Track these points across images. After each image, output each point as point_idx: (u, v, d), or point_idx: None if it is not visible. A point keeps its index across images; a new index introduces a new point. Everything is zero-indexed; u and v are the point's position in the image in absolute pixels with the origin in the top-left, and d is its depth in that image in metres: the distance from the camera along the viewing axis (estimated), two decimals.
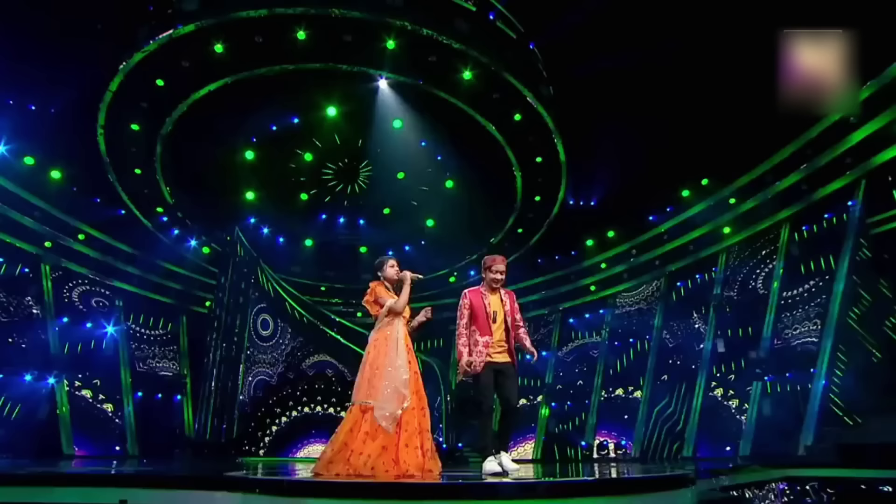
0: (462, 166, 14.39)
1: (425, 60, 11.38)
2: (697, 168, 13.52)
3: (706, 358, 12.91)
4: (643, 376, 14.14)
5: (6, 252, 11.84)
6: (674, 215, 14.48)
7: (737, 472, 5.13)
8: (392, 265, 4.72)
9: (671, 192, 14.33)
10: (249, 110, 12.27)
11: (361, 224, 16.19)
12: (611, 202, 15.44)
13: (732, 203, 13.12)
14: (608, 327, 15.46)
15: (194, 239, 14.60)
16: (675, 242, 14.45)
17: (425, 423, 4.28)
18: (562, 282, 16.73)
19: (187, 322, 14.78)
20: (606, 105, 12.95)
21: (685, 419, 12.76)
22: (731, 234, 13.25)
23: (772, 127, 11.36)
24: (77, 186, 12.79)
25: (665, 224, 14.63)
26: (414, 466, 3.98)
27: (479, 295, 4.69)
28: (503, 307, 4.67)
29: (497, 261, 4.79)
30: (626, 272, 15.54)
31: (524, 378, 16.15)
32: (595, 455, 13.75)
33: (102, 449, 12.06)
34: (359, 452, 3.94)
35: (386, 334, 4.42)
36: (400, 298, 4.50)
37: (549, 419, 15.43)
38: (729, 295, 13.08)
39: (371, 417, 4.05)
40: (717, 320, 13.08)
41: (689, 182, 14.00)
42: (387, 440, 4.02)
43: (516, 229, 15.50)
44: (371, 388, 4.21)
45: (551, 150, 13.10)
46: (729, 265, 13.34)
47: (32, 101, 11.73)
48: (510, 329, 4.63)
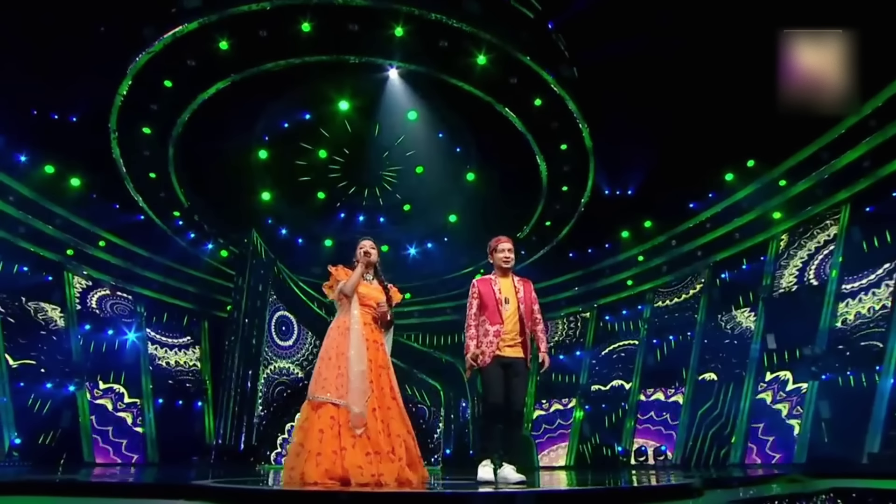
0: (483, 158, 14.11)
1: (436, 46, 11.15)
2: (742, 149, 12.73)
3: (755, 356, 12.16)
4: (685, 376, 13.46)
5: (30, 260, 12.33)
6: (716, 202, 13.76)
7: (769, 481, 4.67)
8: (361, 246, 4.36)
9: (713, 176, 13.62)
10: (260, 109, 12.37)
11: (381, 222, 16.13)
12: (646, 190, 14.83)
13: (783, 185, 12.35)
14: (646, 324, 14.83)
15: (211, 242, 14.86)
16: (719, 231, 13.72)
17: (397, 426, 3.95)
18: (596, 277, 16.22)
19: (209, 327, 15.08)
20: (637, 84, 12.37)
21: (732, 423, 12.06)
22: (781, 220, 12.47)
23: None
24: (96, 193, 13.22)
25: (707, 211, 13.94)
26: (389, 477, 3.65)
27: (489, 281, 4.45)
28: (516, 293, 4.40)
29: (502, 240, 4.57)
30: (666, 265, 14.92)
31: (556, 376, 15.77)
32: (633, 461, 13.20)
33: (123, 456, 12.42)
34: (316, 453, 3.66)
35: (340, 322, 4.13)
36: (348, 280, 4.16)
37: (583, 422, 14.95)
38: (780, 286, 12.30)
39: (324, 414, 3.78)
40: (766, 314, 12.32)
41: (732, 165, 13.23)
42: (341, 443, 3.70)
43: (544, 222, 15.08)
44: (319, 381, 3.91)
45: (576, 136, 12.64)
46: (780, 253, 12.56)
47: (49, 110, 12.17)
48: (524, 319, 4.34)
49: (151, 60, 10.73)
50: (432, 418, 13.97)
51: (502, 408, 4.12)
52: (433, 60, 11.58)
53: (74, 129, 12.18)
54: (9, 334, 11.40)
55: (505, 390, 4.15)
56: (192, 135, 12.25)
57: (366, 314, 4.18)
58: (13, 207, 12.01)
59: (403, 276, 16.93)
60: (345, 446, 3.67)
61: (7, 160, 11.85)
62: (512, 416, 4.21)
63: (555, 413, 15.60)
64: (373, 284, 4.36)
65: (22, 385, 11.19)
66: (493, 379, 4.16)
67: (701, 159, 12.91)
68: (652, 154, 13.66)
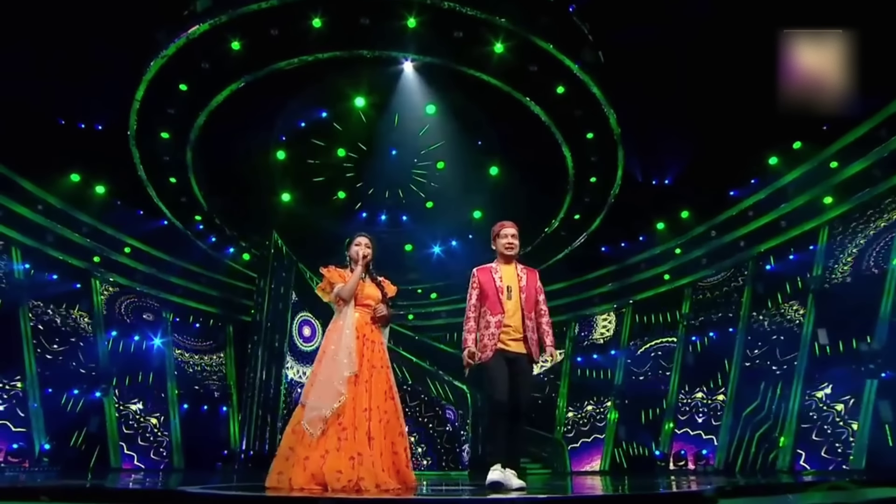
0: (506, 150, 13.84)
1: (451, 36, 10.95)
2: (786, 129, 12.03)
3: (805, 352, 11.49)
4: (728, 375, 12.86)
5: (58, 268, 12.76)
6: (759, 188, 13.13)
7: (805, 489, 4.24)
8: (357, 244, 4.27)
9: (755, 160, 12.98)
10: (275, 109, 12.43)
11: (404, 220, 16.03)
12: (682, 178, 14.26)
13: (834, 167, 11.65)
14: (685, 320, 14.28)
15: (232, 246, 15.07)
16: (763, 219, 13.08)
17: (390, 428, 3.88)
18: (630, 272, 15.74)
19: (234, 331, 15.32)
20: (668, 64, 11.86)
21: (780, 425, 11.41)
22: (833, 205, 11.76)
23: (881, 71, 9.86)
24: (120, 200, 13.58)
25: (749, 199, 13.32)
26: (369, 482, 3.58)
27: (489, 270, 4.27)
28: (518, 282, 4.21)
29: (505, 225, 4.39)
30: (705, 257, 14.33)
31: (590, 374, 15.36)
32: (672, 466, 12.68)
33: (149, 462, 12.71)
34: (304, 457, 3.66)
35: (337, 324, 4.07)
36: (347, 284, 4.10)
37: (618, 425, 14.49)
38: (833, 276, 11.57)
39: None
40: (817, 307, 11.62)
41: (776, 147, 12.57)
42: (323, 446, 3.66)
43: (572, 216, 14.69)
44: (310, 385, 3.88)
45: (603, 124, 12.22)
46: (832, 241, 11.82)
47: (71, 118, 12.55)
48: (526, 311, 4.13)
49: (166, 64, 10.88)
50: (459, 421, 13.76)
51: (506, 406, 3.93)
52: (449, 51, 11.38)
53: (97, 137, 12.52)
54: (38, 341, 11.81)
55: (510, 387, 3.96)
56: (209, 138, 12.41)
57: (364, 314, 4.13)
58: (42, 216, 12.45)
59: (429, 275, 16.85)
60: (329, 450, 3.64)
61: (36, 170, 12.27)
62: (514, 416, 3.99)
63: (589, 415, 15.20)
64: (366, 282, 4.27)
65: (50, 391, 11.57)
66: (498, 374, 3.99)
67: (741, 142, 12.31)
68: (687, 139, 13.11)
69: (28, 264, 12.14)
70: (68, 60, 11.29)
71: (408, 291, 16.52)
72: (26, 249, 12.12)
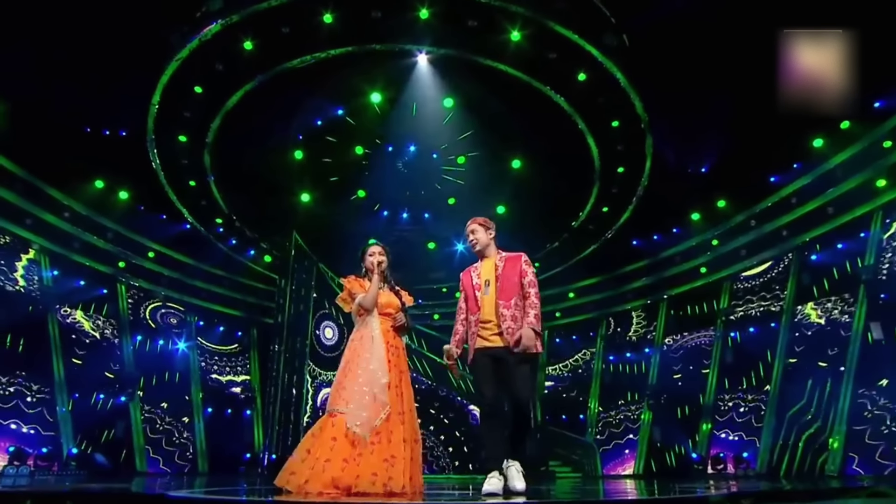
0: (528, 142, 13.52)
1: (465, 26, 10.73)
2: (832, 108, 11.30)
3: (856, 347, 10.84)
4: (770, 373, 12.30)
5: (85, 274, 13.13)
6: (803, 173, 12.50)
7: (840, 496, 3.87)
8: (371, 254, 4.33)
9: (797, 143, 12.27)
10: (291, 108, 12.43)
11: (426, 218, 15.88)
12: (718, 164, 13.62)
13: (888, 147, 10.97)
14: (724, 315, 13.74)
15: (253, 248, 15.21)
16: (808, 206, 12.46)
17: (409, 433, 3.98)
18: (665, 265, 15.25)
19: (257, 335, 15.47)
20: (699, 42, 11.28)
21: (830, 426, 10.78)
22: (887, 188, 11.08)
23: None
24: (143, 205, 13.86)
25: (792, 185, 12.70)
26: (397, 483, 3.71)
27: (470, 270, 4.26)
28: (495, 272, 4.09)
29: (468, 224, 4.31)
30: (745, 248, 13.78)
31: (623, 372, 14.91)
32: (710, 469, 12.18)
33: (175, 466, 12.95)
34: (325, 459, 3.71)
35: (361, 334, 4.16)
36: (367, 294, 4.19)
37: (652, 426, 14.01)
38: (886, 266, 10.86)
39: (339, 423, 3.82)
40: (869, 299, 10.93)
41: (821, 128, 11.88)
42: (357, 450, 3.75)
43: (600, 208, 14.27)
44: (341, 393, 3.94)
45: (628, 111, 11.79)
46: (886, 227, 11.09)
47: (92, 125, 12.84)
48: (501, 299, 3.96)
49: (180, 67, 11.00)
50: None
51: (497, 407, 3.85)
52: (463, 42, 11.17)
53: (118, 143, 12.78)
54: (66, 347, 12.17)
55: (498, 386, 3.88)
56: (226, 140, 12.53)
57: (385, 322, 4.24)
58: (68, 223, 12.82)
59: (453, 274, 16.59)
60: (361, 452, 3.75)
61: (62, 178, 12.62)
62: (514, 412, 3.86)
63: (621, 416, 14.78)
64: (385, 290, 4.37)
65: (77, 396, 11.90)
66: (481, 375, 3.92)
67: (782, 124, 11.61)
68: (723, 123, 12.49)
69: (56, 271, 12.53)
70: (87, 67, 11.54)
71: (432, 291, 16.36)
72: (54, 256, 12.51)
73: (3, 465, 10.17)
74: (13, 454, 10.30)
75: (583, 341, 16.51)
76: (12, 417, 10.92)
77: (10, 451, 10.41)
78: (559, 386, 16.22)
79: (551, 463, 13.51)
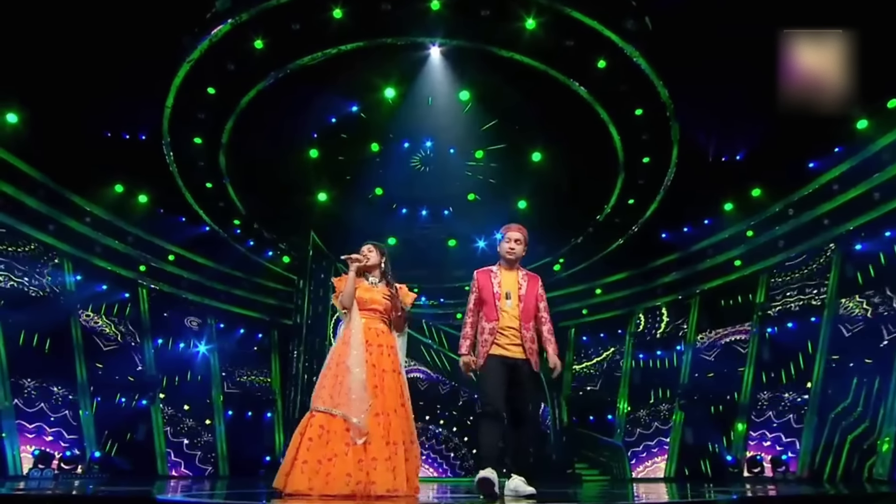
0: (548, 134, 13.24)
1: (478, 16, 10.51)
2: (877, 85, 10.64)
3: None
4: (811, 370, 11.79)
5: (107, 278, 13.41)
6: (846, 157, 11.86)
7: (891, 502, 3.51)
8: (360, 251, 4.46)
9: (839, 125, 11.62)
10: (304, 106, 12.41)
11: (446, 214, 15.70)
12: (752, 150, 13.05)
13: None
14: (760, 310, 13.21)
15: (271, 249, 15.29)
16: (851, 192, 11.83)
17: (397, 433, 3.95)
18: (696, 258, 14.77)
19: (278, 337, 15.57)
20: (730, 18, 10.75)
21: (878, 428, 10.21)
22: None
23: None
24: (163, 208, 14.05)
25: (834, 170, 12.06)
26: (380, 485, 3.70)
27: (489, 273, 4.33)
28: (518, 290, 4.26)
29: (511, 228, 4.40)
30: (782, 239, 13.22)
31: (653, 370, 14.53)
32: (746, 473, 11.72)
33: (196, 469, 13.13)
34: (302, 461, 3.78)
35: (342, 332, 4.26)
36: (343, 290, 4.30)
37: (684, 427, 13.57)
38: None
39: (315, 422, 3.88)
40: None
41: (865, 108, 11.20)
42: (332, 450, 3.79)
43: (626, 200, 13.88)
44: (320, 392, 4.04)
45: (652, 97, 11.39)
46: None
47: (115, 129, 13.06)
48: (524, 320, 4.16)
49: (193, 68, 11.06)
50: None
51: (500, 412, 3.99)
52: (477, 32, 10.98)
53: (136, 147, 12.96)
54: (88, 350, 12.45)
55: (504, 394, 4.01)
56: (240, 140, 12.60)
57: (371, 319, 4.26)
58: (89, 228, 13.10)
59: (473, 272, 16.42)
60: (336, 453, 3.78)
61: (83, 183, 12.89)
62: (518, 421, 4.07)
63: (652, 417, 14.39)
64: (377, 288, 4.40)
65: (99, 400, 12.16)
66: (490, 381, 4.07)
67: (821, 106, 11.00)
68: (757, 107, 11.92)
69: (79, 275, 12.82)
70: (104, 73, 11.72)
71: (454, 289, 16.18)
72: (76, 261, 12.80)
73: (28, 468, 10.47)
74: (38, 457, 10.57)
75: (611, 339, 16.12)
76: (37, 420, 11.23)
77: (35, 453, 10.70)
78: (587, 386, 15.89)
79: (577, 465, 13.21)
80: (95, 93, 11.87)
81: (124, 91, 11.93)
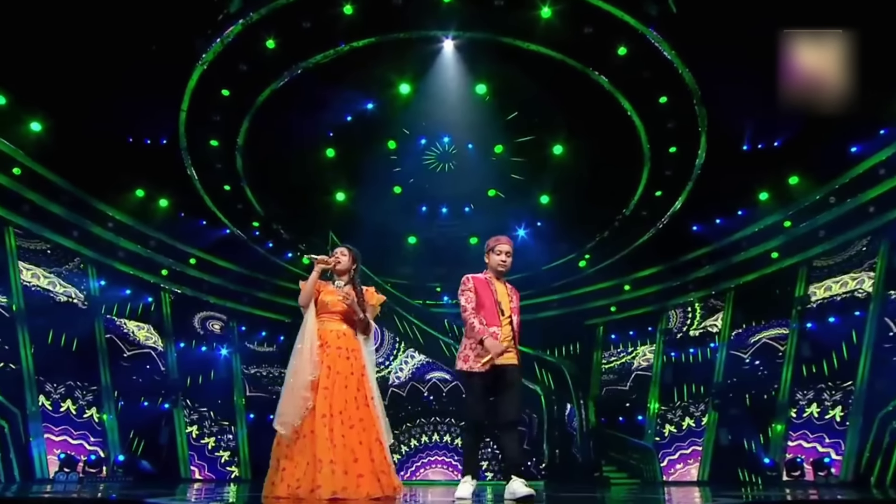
0: (569, 126, 12.94)
1: (491, 6, 10.31)
2: None
3: None
4: (856, 368, 11.25)
5: (131, 282, 13.67)
6: (892, 139, 11.22)
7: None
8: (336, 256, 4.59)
9: (882, 106, 10.97)
10: (319, 105, 12.39)
11: (467, 212, 15.51)
12: (787, 137, 12.43)
13: None
14: (799, 305, 12.69)
15: (291, 251, 15.35)
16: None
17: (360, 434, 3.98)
18: (730, 252, 14.23)
19: None
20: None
21: None
22: None
23: None
24: (183, 212, 14.23)
25: (880, 153, 11.44)
26: (326, 489, 3.66)
27: (485, 281, 4.45)
28: (510, 302, 4.46)
29: (501, 241, 4.53)
30: (823, 229, 12.65)
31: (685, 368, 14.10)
32: (785, 477, 11.23)
33: (218, 473, 13.26)
34: (281, 469, 3.90)
35: (300, 332, 4.33)
36: (302, 292, 4.41)
37: (718, 428, 13.08)
38: None
39: None
40: None
41: None
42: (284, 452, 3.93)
43: (653, 193, 13.47)
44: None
45: (677, 84, 11.00)
46: None
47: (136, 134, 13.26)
48: (516, 333, 4.39)
49: (206, 71, 11.15)
50: (536, 428, 13.09)
51: (484, 425, 4.26)
52: (490, 22, 10.81)
53: (154, 151, 13.15)
54: (112, 355, 12.70)
55: (488, 405, 4.21)
56: (256, 141, 12.68)
57: (332, 321, 4.36)
58: (112, 233, 13.36)
59: None
60: (287, 455, 3.92)
61: (105, 189, 13.14)
62: (508, 425, 4.19)
63: (684, 417, 13.94)
64: (342, 290, 4.46)
65: (122, 403, 12.40)
66: (479, 392, 4.18)
67: (863, 85, 10.39)
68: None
69: (103, 280, 13.09)
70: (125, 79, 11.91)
71: None
72: (100, 266, 13.08)
73: (54, 472, 10.72)
74: (64, 461, 10.82)
75: (641, 336, 15.66)
76: (62, 424, 11.50)
77: (60, 457, 10.96)
78: (616, 385, 15.49)
79: (605, 468, 12.85)
80: (115, 99, 12.11)
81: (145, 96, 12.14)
